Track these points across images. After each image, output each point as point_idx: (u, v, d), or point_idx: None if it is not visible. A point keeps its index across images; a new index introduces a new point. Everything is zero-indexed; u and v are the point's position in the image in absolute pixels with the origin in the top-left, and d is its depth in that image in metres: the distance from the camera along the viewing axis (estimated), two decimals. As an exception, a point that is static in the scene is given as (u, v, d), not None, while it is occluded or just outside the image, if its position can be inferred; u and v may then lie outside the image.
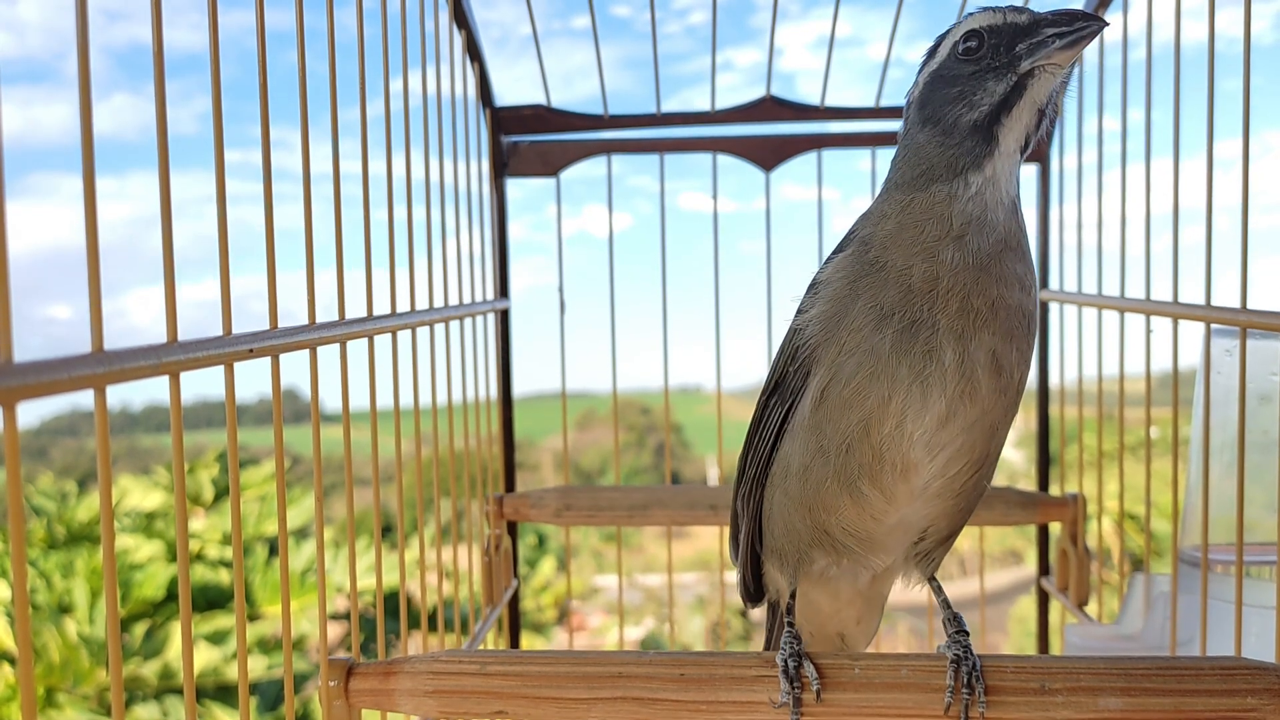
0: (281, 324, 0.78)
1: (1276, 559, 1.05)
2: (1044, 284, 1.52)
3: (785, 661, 0.79)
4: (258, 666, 5.56)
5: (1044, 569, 1.54)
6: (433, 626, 1.29)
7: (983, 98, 0.80)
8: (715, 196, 1.55)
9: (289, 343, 0.78)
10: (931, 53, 0.85)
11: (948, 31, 0.83)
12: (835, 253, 0.86)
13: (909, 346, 0.78)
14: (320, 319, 0.86)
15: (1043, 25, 0.78)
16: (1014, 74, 0.79)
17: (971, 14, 0.82)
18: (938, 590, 0.94)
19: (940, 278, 0.78)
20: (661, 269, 1.55)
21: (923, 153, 0.83)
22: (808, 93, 1.52)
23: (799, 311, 0.86)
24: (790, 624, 0.86)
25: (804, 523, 0.88)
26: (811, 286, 0.85)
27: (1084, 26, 0.77)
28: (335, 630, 6.43)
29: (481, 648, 1.35)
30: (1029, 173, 1.53)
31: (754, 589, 1.03)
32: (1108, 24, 0.77)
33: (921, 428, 0.80)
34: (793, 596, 0.91)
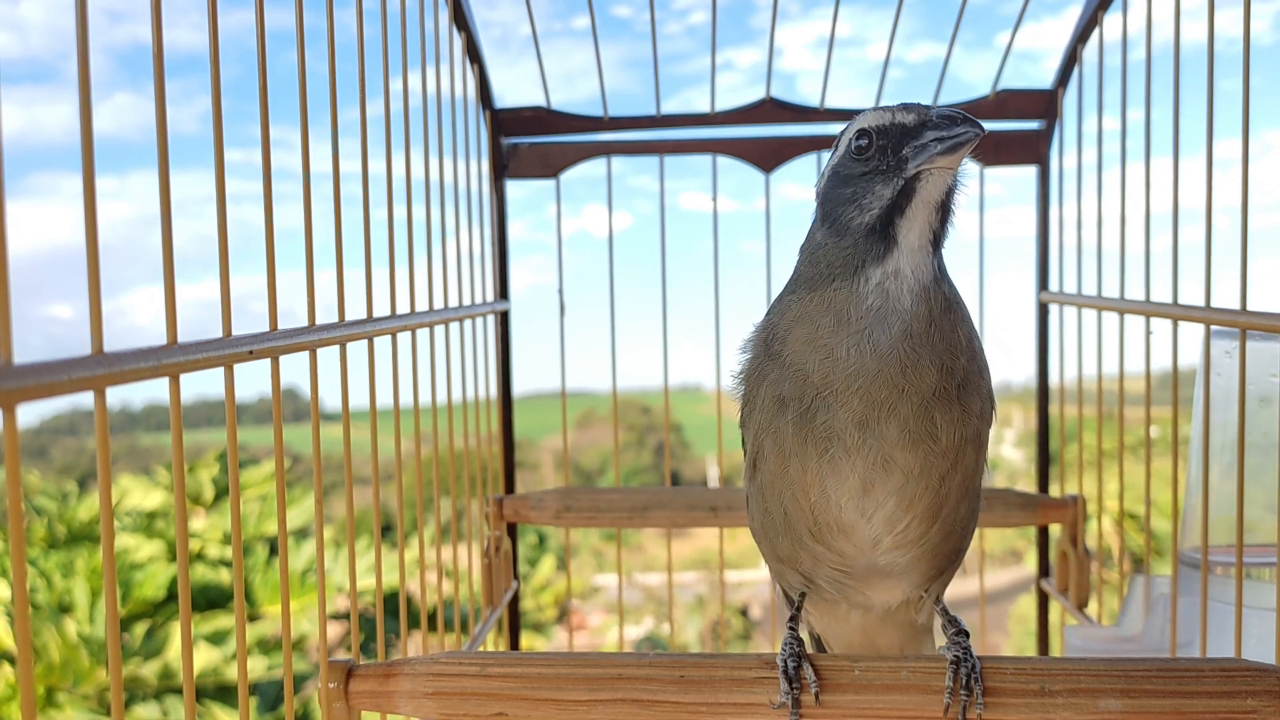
0: (281, 324, 0.78)
1: (1276, 560, 1.05)
2: (1044, 285, 1.52)
3: (785, 662, 0.79)
4: (258, 667, 5.56)
5: (1044, 570, 1.54)
6: (433, 627, 1.29)
7: (872, 201, 0.78)
8: (715, 199, 1.55)
9: (289, 344, 0.78)
10: (835, 145, 0.84)
11: (849, 124, 0.82)
12: (758, 324, 0.88)
13: (809, 431, 0.80)
14: (320, 319, 0.86)
15: (926, 128, 0.76)
16: (900, 177, 0.77)
17: (863, 112, 0.81)
18: (943, 609, 0.93)
19: (834, 374, 0.78)
20: (661, 269, 1.55)
21: (819, 251, 0.82)
22: (808, 92, 1.53)
23: (736, 364, 0.89)
24: (793, 628, 0.86)
25: (791, 565, 0.90)
26: (743, 346, 0.88)
27: (963, 133, 0.74)
28: (335, 630, 6.43)
29: (481, 649, 1.35)
30: (1029, 173, 1.53)
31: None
32: (984, 131, 0.75)
33: (845, 495, 0.81)
34: (799, 605, 0.91)
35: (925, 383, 0.77)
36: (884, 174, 0.78)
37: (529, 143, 1.56)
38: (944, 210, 0.78)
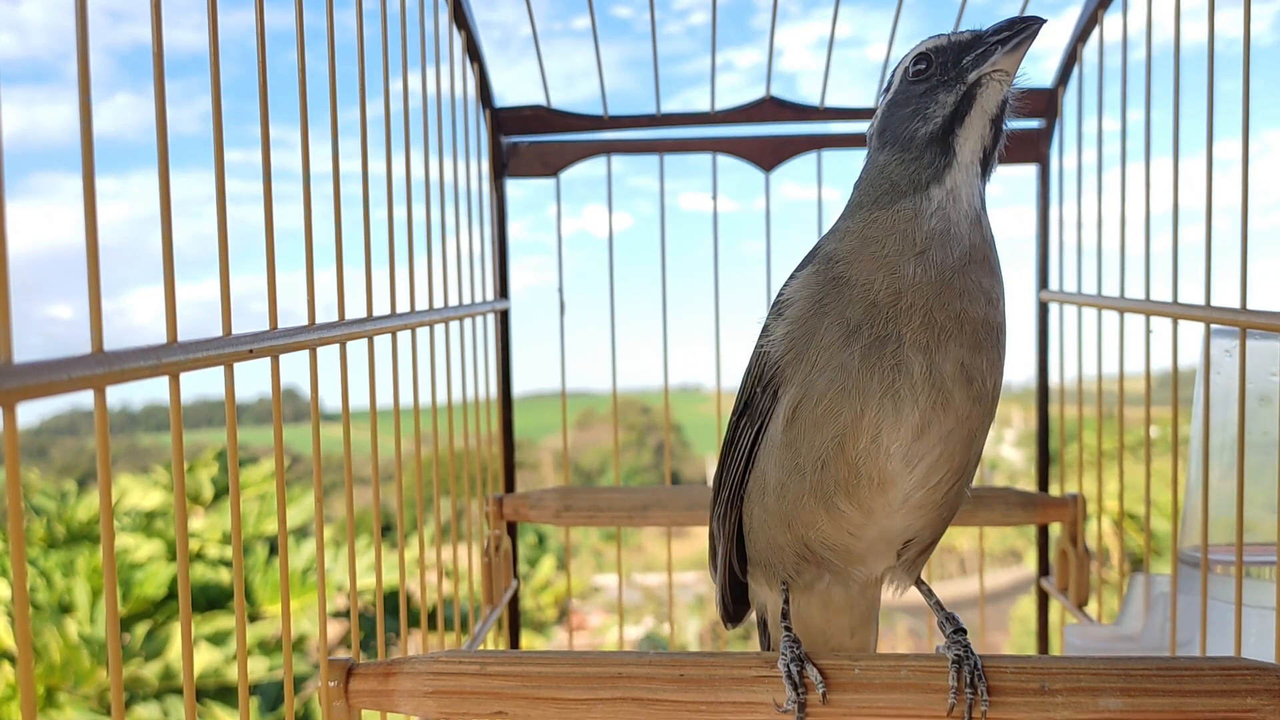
0: (281, 324, 0.78)
1: (1276, 559, 1.05)
2: (1044, 284, 1.52)
3: (788, 667, 0.79)
4: (258, 667, 5.56)
5: (1044, 569, 1.54)
6: (432, 626, 1.29)
7: (935, 110, 0.82)
8: (715, 197, 1.55)
9: (289, 343, 0.78)
10: (886, 87, 0.87)
11: (901, 59, 0.86)
12: (798, 270, 0.87)
13: (877, 361, 0.79)
14: (320, 319, 0.86)
15: (985, 37, 0.81)
16: (962, 84, 0.81)
17: (916, 44, 0.85)
18: (927, 593, 0.93)
19: (902, 292, 0.79)
20: (661, 269, 1.55)
21: (884, 172, 0.84)
22: (808, 93, 1.52)
23: (764, 333, 0.86)
24: (788, 628, 0.85)
25: (785, 537, 0.88)
26: (775, 305, 0.86)
27: (1023, 28, 0.79)
28: (335, 629, 6.43)
29: (481, 648, 1.35)
30: (1029, 173, 1.53)
31: (733, 609, 1.04)
32: (1045, 20, 0.79)
33: (898, 440, 0.80)
34: (786, 603, 0.91)
35: (977, 313, 0.80)
36: (945, 84, 0.82)
37: (529, 141, 1.56)
38: (996, 127, 0.83)
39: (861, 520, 0.84)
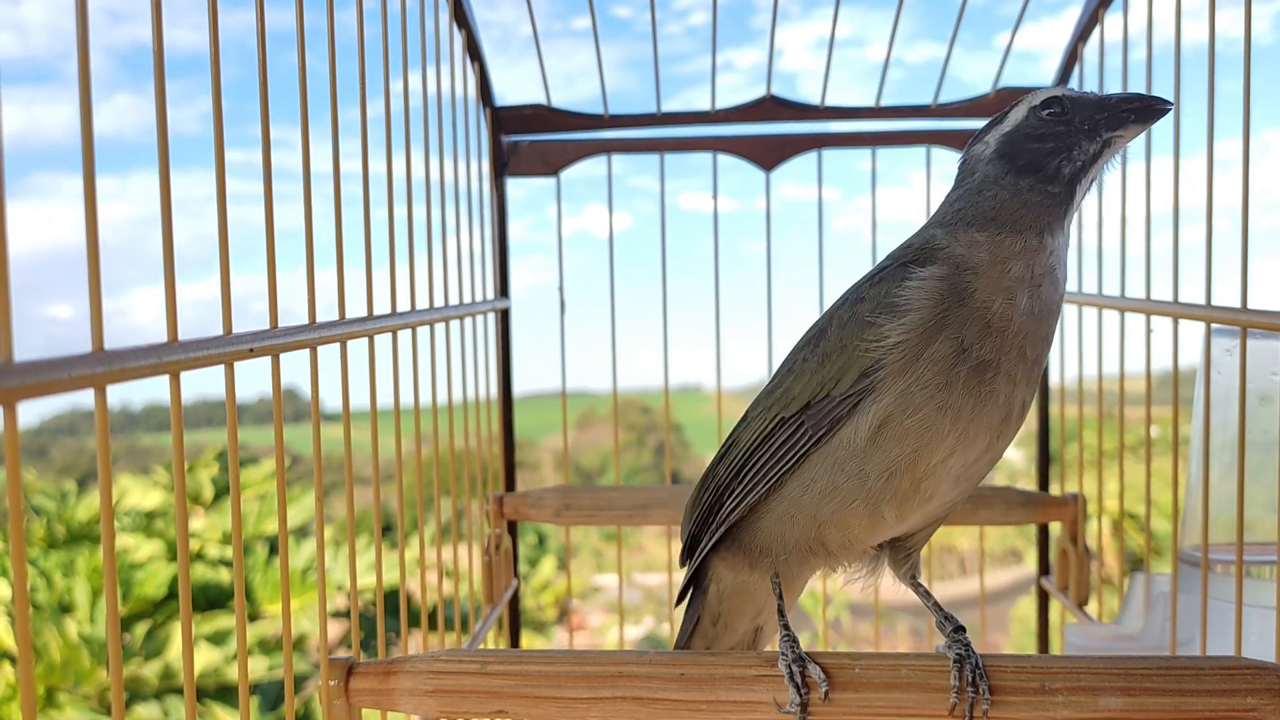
0: (282, 323, 0.78)
1: (1276, 559, 1.05)
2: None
3: (789, 667, 0.79)
4: (258, 667, 5.56)
5: (1044, 569, 1.54)
6: (433, 625, 1.29)
7: (1079, 154, 0.85)
8: (715, 196, 1.55)
9: (289, 342, 0.78)
10: (1000, 119, 0.89)
11: (1017, 103, 0.89)
12: (906, 264, 0.83)
13: (976, 385, 0.79)
14: (320, 318, 0.86)
15: (1118, 102, 0.85)
16: (1100, 139, 0.85)
17: (1037, 89, 0.89)
18: (925, 595, 0.92)
19: (1013, 320, 0.80)
20: (662, 268, 1.55)
21: (1020, 196, 0.85)
22: (808, 92, 1.52)
23: (863, 329, 0.81)
24: (785, 625, 0.85)
25: (802, 533, 0.86)
26: (888, 304, 0.81)
27: (1158, 106, 0.84)
28: (335, 628, 6.42)
29: (482, 647, 1.35)
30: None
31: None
32: (1171, 106, 0.85)
33: (963, 461, 0.81)
34: (781, 599, 0.89)
35: (1044, 355, 0.84)
36: (1086, 133, 0.85)
37: (529, 140, 1.56)
38: (1093, 183, 0.88)
39: (892, 526, 0.85)
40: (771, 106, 1.51)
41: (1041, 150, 0.86)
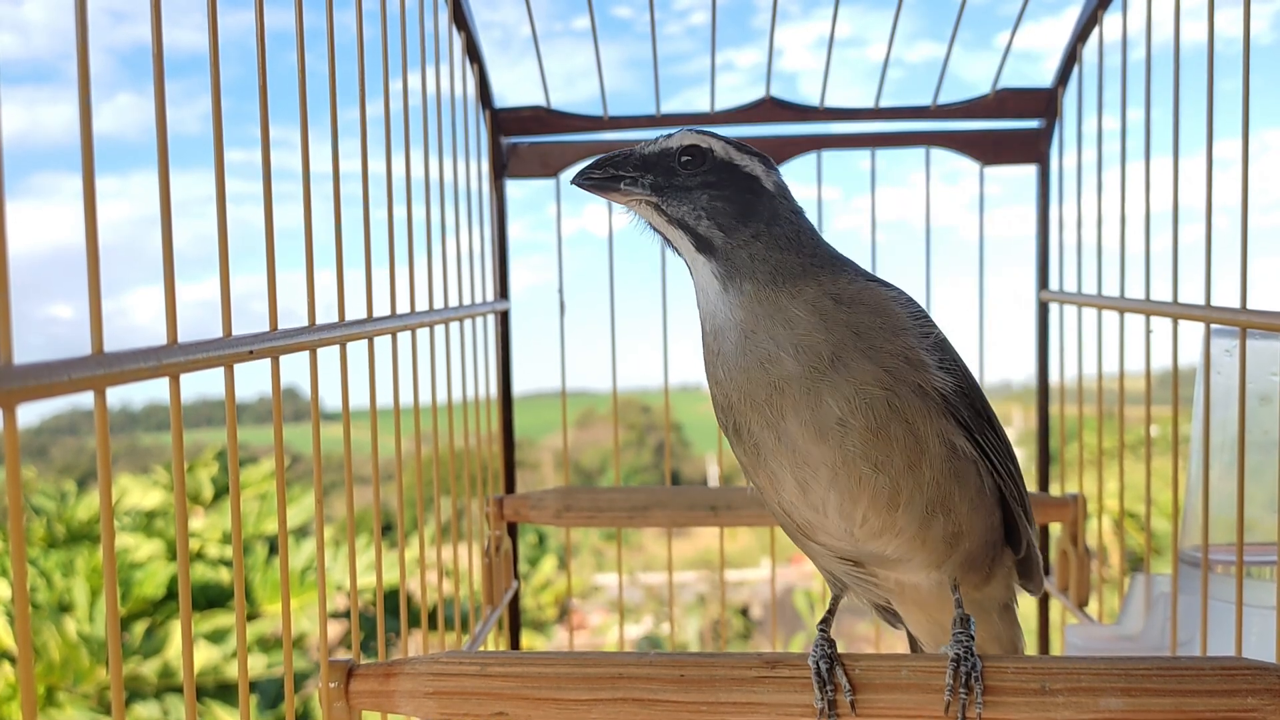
0: (281, 323, 0.78)
1: (1276, 559, 1.05)
2: (1044, 284, 1.52)
3: (817, 664, 0.79)
4: (258, 665, 5.56)
5: (1044, 569, 1.54)
6: (433, 626, 1.29)
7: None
8: (715, 196, 1.54)
9: (289, 344, 0.78)
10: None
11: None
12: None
13: (744, 447, 0.84)
14: (320, 319, 0.86)
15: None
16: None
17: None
18: (958, 602, 0.92)
19: (724, 395, 0.84)
20: (662, 268, 1.54)
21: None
22: (808, 93, 1.52)
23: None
24: (824, 629, 0.85)
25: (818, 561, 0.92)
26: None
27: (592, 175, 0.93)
28: (335, 629, 6.42)
29: (482, 649, 1.35)
30: (1029, 172, 1.53)
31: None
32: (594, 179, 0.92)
33: (791, 496, 0.84)
34: (832, 607, 0.92)
35: (787, 369, 0.79)
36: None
37: (529, 142, 1.56)
38: (681, 225, 0.88)
39: (836, 550, 0.90)
40: (771, 108, 1.51)
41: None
